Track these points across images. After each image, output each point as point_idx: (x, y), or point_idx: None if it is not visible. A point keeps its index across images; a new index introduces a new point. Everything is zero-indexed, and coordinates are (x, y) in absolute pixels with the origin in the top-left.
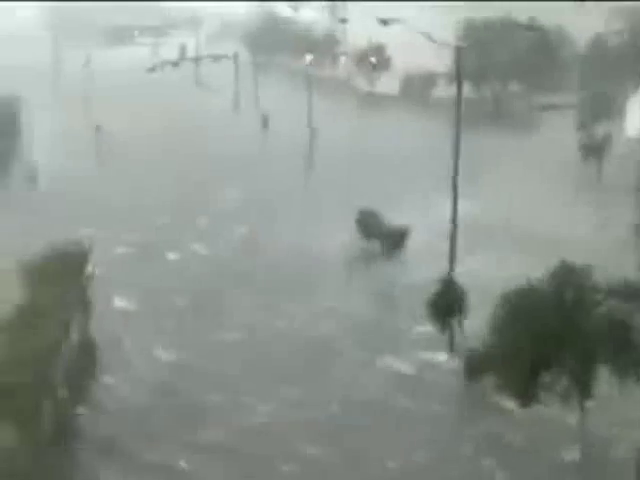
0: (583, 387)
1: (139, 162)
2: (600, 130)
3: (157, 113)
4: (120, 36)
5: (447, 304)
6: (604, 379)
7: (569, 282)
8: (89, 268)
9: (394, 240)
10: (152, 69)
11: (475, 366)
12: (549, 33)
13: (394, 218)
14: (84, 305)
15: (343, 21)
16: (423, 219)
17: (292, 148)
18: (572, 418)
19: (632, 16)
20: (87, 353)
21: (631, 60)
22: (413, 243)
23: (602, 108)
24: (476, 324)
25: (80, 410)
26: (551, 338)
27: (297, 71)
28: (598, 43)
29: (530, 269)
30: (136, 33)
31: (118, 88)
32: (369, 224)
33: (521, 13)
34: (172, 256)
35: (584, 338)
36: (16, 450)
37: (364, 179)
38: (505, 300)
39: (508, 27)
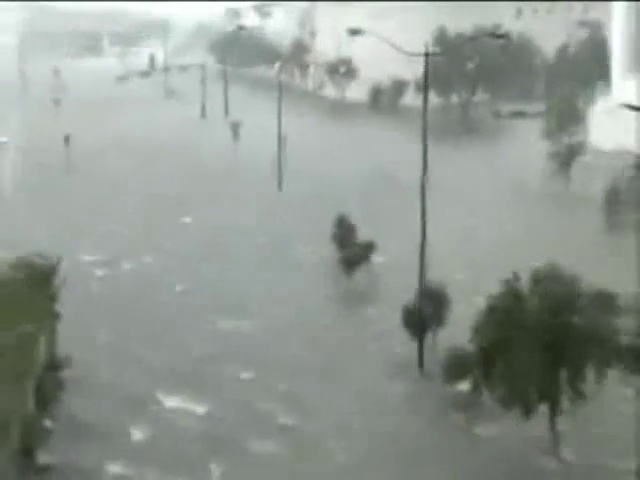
0: (574, 390)
1: (103, 177)
2: (567, 138)
3: (125, 124)
4: (89, 45)
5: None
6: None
7: (557, 286)
8: (56, 282)
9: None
10: (121, 79)
11: (457, 370)
12: (514, 41)
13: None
14: (52, 319)
15: (312, 34)
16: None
17: (262, 160)
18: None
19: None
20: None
21: (594, 68)
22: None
23: (568, 116)
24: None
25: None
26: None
27: (266, 80)
28: (564, 52)
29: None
30: (105, 42)
31: (88, 99)
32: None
33: (486, 20)
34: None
35: (573, 343)
36: None
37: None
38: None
39: (476, 35)
